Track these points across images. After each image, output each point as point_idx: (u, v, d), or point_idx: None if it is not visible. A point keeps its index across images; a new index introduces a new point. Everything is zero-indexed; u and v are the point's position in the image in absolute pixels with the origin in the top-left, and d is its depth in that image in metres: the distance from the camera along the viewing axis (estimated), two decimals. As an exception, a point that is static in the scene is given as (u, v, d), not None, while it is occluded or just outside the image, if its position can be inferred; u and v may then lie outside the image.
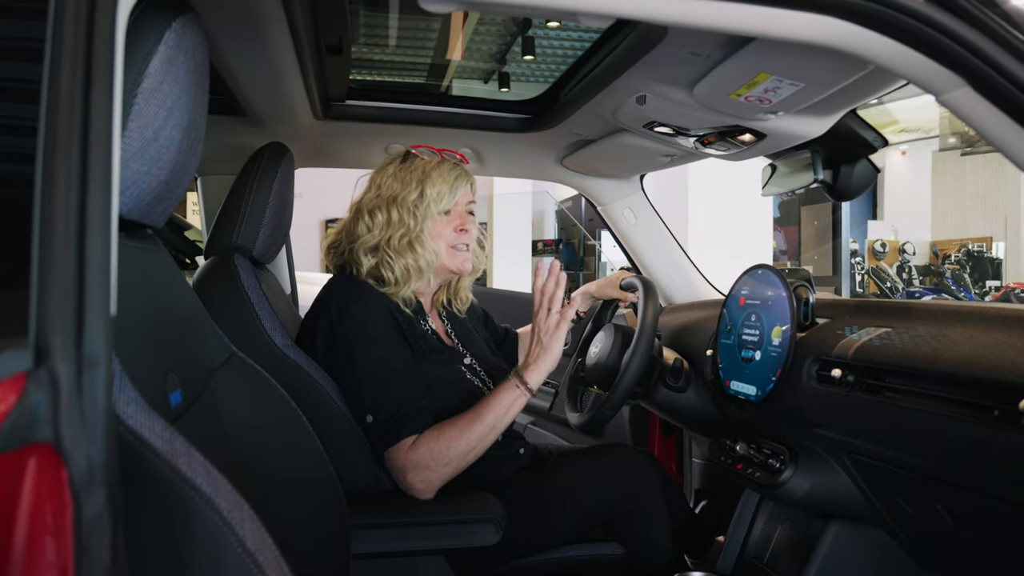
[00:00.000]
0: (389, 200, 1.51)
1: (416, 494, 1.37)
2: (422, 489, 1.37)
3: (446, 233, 1.53)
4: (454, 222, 1.54)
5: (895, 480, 1.23)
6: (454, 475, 1.38)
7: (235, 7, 1.11)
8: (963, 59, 0.81)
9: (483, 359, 1.65)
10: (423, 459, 1.36)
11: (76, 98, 0.54)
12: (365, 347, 1.42)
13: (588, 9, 0.83)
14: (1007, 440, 0.96)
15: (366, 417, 1.39)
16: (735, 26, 0.86)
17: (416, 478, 1.36)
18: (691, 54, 1.18)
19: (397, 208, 1.50)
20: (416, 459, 1.36)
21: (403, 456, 1.37)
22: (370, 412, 1.39)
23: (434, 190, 1.50)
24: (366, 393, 1.40)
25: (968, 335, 1.09)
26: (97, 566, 0.49)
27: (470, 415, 1.41)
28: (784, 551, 1.51)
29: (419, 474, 1.36)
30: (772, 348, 1.45)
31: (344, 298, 1.47)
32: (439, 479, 1.37)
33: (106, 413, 0.51)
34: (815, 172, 1.50)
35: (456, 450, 1.37)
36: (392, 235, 1.49)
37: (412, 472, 1.36)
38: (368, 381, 1.41)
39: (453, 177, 1.53)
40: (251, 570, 0.64)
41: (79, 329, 0.50)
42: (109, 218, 0.55)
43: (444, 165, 1.54)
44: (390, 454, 1.38)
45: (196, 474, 0.63)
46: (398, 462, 1.37)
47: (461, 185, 1.54)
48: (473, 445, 1.38)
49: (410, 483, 1.37)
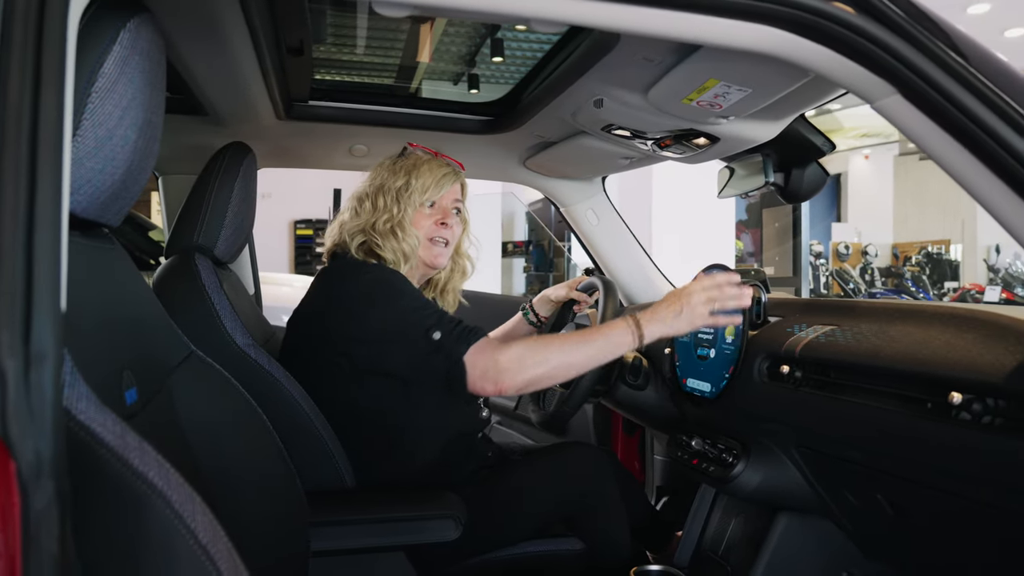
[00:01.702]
0: (378, 188, 1.57)
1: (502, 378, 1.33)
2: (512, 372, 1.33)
3: (426, 224, 1.56)
4: (436, 215, 1.58)
5: (839, 472, 1.28)
6: (541, 380, 1.37)
7: (192, 7, 1.11)
8: (893, 68, 0.85)
9: None
10: (519, 354, 1.34)
11: (25, 97, 0.55)
12: (402, 291, 1.45)
13: (538, 15, 0.85)
14: (939, 432, 1.00)
15: (432, 335, 1.36)
16: (678, 33, 0.89)
17: (508, 364, 1.33)
18: (644, 59, 1.21)
19: (383, 195, 1.55)
20: (510, 353, 1.34)
21: (491, 348, 1.35)
22: (436, 329, 1.37)
23: (420, 181, 1.55)
24: (423, 317, 1.39)
25: (906, 332, 1.14)
26: (45, 557, 0.50)
27: (577, 334, 1.40)
28: (738, 543, 1.55)
29: (511, 364, 1.33)
30: (726, 346, 1.49)
31: (355, 269, 1.51)
32: (528, 373, 1.33)
33: (54, 408, 0.52)
34: (766, 175, 1.55)
35: (553, 355, 1.35)
36: (377, 220, 1.53)
37: (505, 360, 1.33)
38: (420, 308, 1.41)
39: (441, 173, 1.57)
40: (203, 562, 0.65)
41: (27, 325, 0.51)
42: (59, 216, 0.56)
43: (436, 161, 1.59)
44: (475, 352, 1.35)
45: (148, 468, 0.64)
46: (486, 355, 1.34)
47: (448, 182, 1.58)
48: (569, 360, 1.36)
49: (503, 367, 1.32)
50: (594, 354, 1.37)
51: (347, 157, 2.09)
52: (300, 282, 5.50)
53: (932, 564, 1.25)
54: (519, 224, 9.42)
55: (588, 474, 1.58)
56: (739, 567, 1.50)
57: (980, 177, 0.87)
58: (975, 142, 0.84)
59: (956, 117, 0.84)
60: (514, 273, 9.30)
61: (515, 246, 9.24)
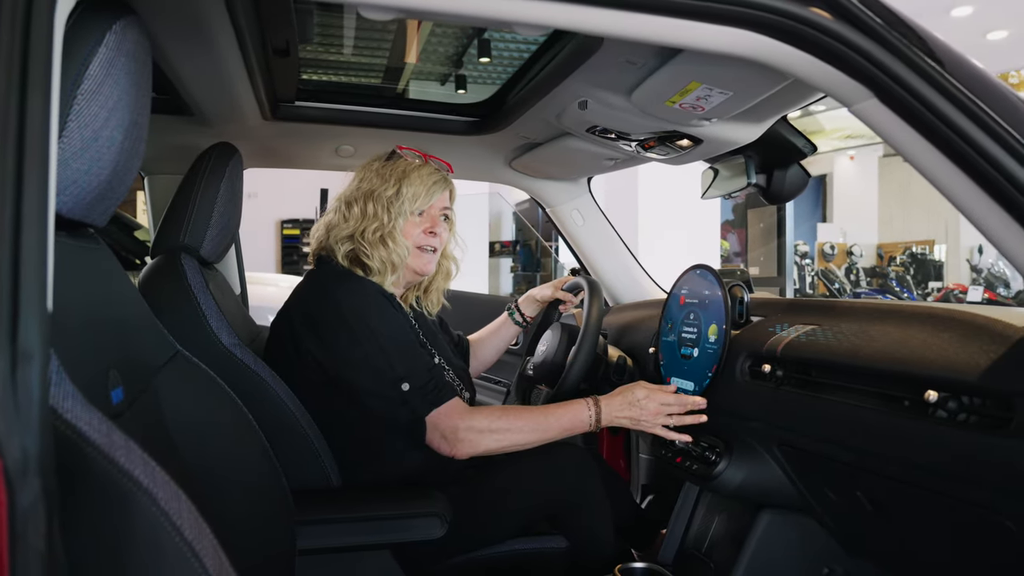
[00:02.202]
0: (367, 193, 1.56)
1: (457, 452, 1.41)
2: (467, 448, 1.41)
3: (415, 233, 1.57)
4: (425, 224, 1.58)
5: (820, 469, 1.29)
6: (494, 452, 1.45)
7: (178, 8, 1.12)
8: (869, 72, 0.87)
9: (449, 360, 1.68)
10: (479, 422, 1.42)
11: (12, 99, 0.56)
12: (385, 323, 1.46)
13: (520, 19, 0.86)
14: (915, 429, 1.02)
15: (401, 385, 1.41)
16: (659, 37, 0.90)
17: (466, 435, 1.41)
18: (627, 62, 1.23)
19: (373, 202, 1.54)
20: (471, 422, 1.42)
21: (456, 414, 1.42)
22: (405, 380, 1.41)
23: (411, 190, 1.54)
24: (396, 362, 1.43)
25: (885, 331, 1.16)
26: (32, 554, 0.51)
27: (536, 412, 1.49)
28: (721, 540, 1.57)
29: (468, 435, 1.41)
30: (709, 345, 1.51)
31: (338, 284, 1.51)
32: (483, 448, 1.42)
33: (41, 406, 0.52)
34: (748, 176, 1.56)
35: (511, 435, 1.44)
36: (367, 227, 1.53)
37: (464, 430, 1.41)
38: (395, 350, 1.44)
39: (432, 181, 1.57)
40: (189, 559, 0.65)
41: (13, 324, 0.51)
42: (46, 216, 0.56)
43: (425, 168, 1.58)
44: (439, 413, 1.42)
45: (134, 466, 0.65)
46: (449, 420, 1.42)
47: (438, 190, 1.58)
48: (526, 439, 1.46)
49: (459, 440, 1.41)
50: (551, 436, 1.48)
51: (333, 158, 2.09)
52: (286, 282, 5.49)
53: (912, 560, 1.28)
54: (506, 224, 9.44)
55: (572, 473, 1.59)
56: (722, 564, 1.51)
57: (954, 179, 0.88)
58: (949, 145, 0.86)
59: (931, 121, 0.86)
60: (501, 273, 9.32)
61: (502, 246, 9.26)
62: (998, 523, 0.94)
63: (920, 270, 10.79)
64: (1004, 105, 0.87)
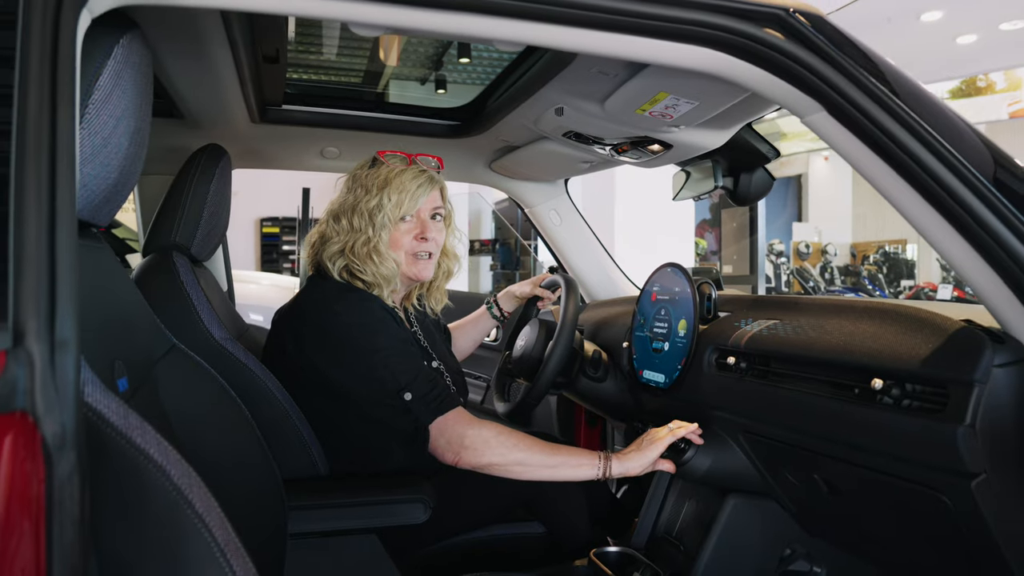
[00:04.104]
0: (352, 206, 1.54)
1: (461, 459, 1.40)
2: (470, 456, 1.39)
3: (405, 241, 1.54)
4: (414, 230, 1.55)
5: (781, 455, 1.38)
6: (496, 470, 1.41)
7: (177, 21, 1.18)
8: (818, 87, 0.96)
9: (448, 364, 1.70)
10: (486, 436, 1.40)
11: (44, 116, 0.62)
12: (382, 333, 1.46)
13: (498, 36, 0.94)
14: (864, 415, 1.11)
15: (404, 395, 1.41)
16: (627, 54, 0.98)
17: (473, 443, 1.39)
18: (600, 73, 1.31)
19: (357, 215, 1.52)
20: (480, 432, 1.40)
21: (463, 422, 1.41)
22: (408, 390, 1.41)
23: (392, 198, 1.51)
24: (399, 372, 1.42)
25: (839, 325, 1.24)
26: (68, 518, 0.58)
27: (547, 445, 1.44)
28: (690, 524, 1.65)
29: (474, 443, 1.39)
30: (678, 339, 1.59)
31: (339, 297, 1.51)
32: (486, 460, 1.40)
33: (75, 387, 0.59)
34: (716, 179, 1.65)
35: (519, 454, 1.41)
36: (355, 241, 1.52)
37: (471, 437, 1.39)
38: (397, 361, 1.43)
39: (415, 185, 1.53)
40: (200, 529, 0.72)
41: (51, 315, 0.58)
42: (74, 219, 0.63)
43: (407, 173, 1.53)
44: (444, 420, 1.41)
45: (149, 446, 0.72)
46: (456, 427, 1.40)
47: (424, 192, 1.54)
48: (529, 463, 1.41)
49: (465, 447, 1.39)
50: (553, 472, 1.43)
51: (319, 159, 2.15)
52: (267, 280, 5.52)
53: (864, 537, 1.37)
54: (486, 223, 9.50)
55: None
56: (692, 547, 1.60)
57: (894, 185, 0.97)
58: (889, 155, 0.95)
59: (873, 132, 0.95)
60: (481, 271, 9.38)
61: (482, 244, 9.32)
62: (936, 499, 1.03)
63: (893, 269, 10.99)
64: (940, 119, 0.96)
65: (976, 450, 0.94)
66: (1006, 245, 0.90)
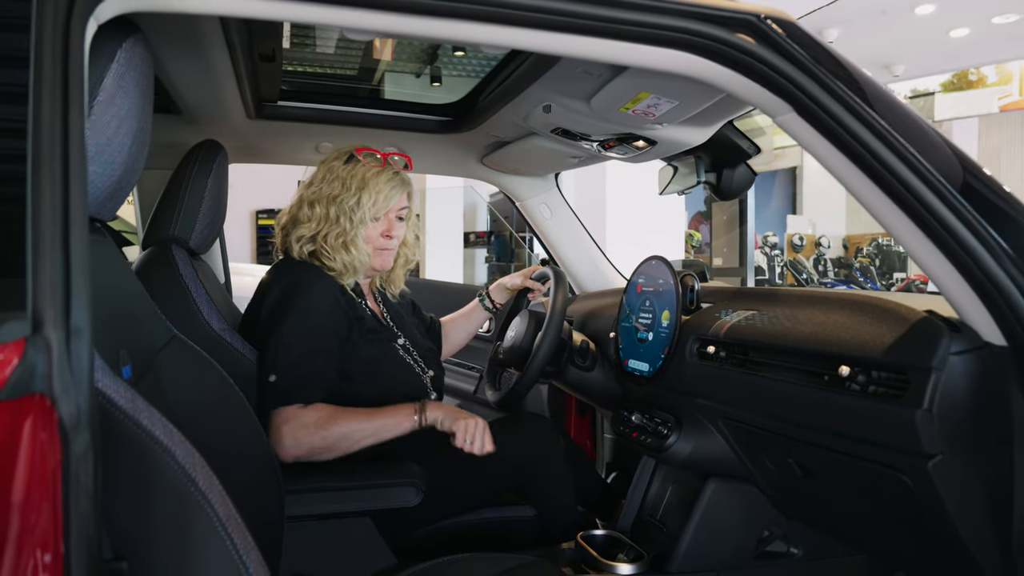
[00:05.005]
0: (329, 198, 1.63)
1: (280, 449, 1.46)
2: (289, 445, 1.46)
3: (375, 237, 1.67)
4: (383, 227, 1.67)
5: (758, 440, 1.44)
6: (319, 451, 1.48)
7: (176, 23, 1.22)
8: (787, 89, 1.01)
9: (415, 341, 1.79)
10: (306, 421, 1.47)
11: (56, 120, 0.67)
12: (300, 317, 1.54)
13: (484, 41, 0.99)
14: (834, 400, 1.17)
15: (269, 376, 1.50)
16: (607, 58, 1.03)
17: (290, 433, 1.46)
18: (584, 72, 1.36)
19: (336, 207, 1.62)
20: (300, 418, 1.47)
21: (289, 413, 1.48)
22: (275, 373, 1.49)
23: (371, 198, 1.62)
24: (280, 356, 1.50)
25: (812, 315, 1.30)
26: (83, 491, 0.63)
27: (364, 412, 1.53)
28: (674, 507, 1.71)
29: (294, 431, 1.46)
30: (662, 330, 1.65)
31: (295, 277, 1.60)
32: (307, 446, 1.47)
33: (89, 372, 0.64)
34: (698, 175, 1.71)
35: (338, 430, 1.49)
36: (329, 232, 1.62)
37: (287, 427, 1.46)
38: (286, 347, 1.51)
39: (390, 188, 1.64)
40: (203, 505, 0.78)
41: (67, 305, 0.63)
42: (86, 214, 0.68)
43: (383, 174, 1.64)
44: (279, 411, 1.48)
45: (155, 428, 0.77)
46: (282, 415, 1.48)
47: (396, 194, 1.66)
48: (351, 434, 1.50)
49: (282, 436, 1.46)
50: (377, 436, 1.52)
51: (314, 154, 2.19)
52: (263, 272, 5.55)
53: (835, 518, 1.43)
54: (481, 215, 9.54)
55: (540, 444, 1.71)
56: (674, 529, 1.65)
57: (861, 183, 1.03)
58: (854, 154, 1.00)
59: (838, 132, 1.00)
60: (476, 263, 9.43)
61: (477, 236, 9.36)
62: (898, 480, 1.09)
63: (885, 261, 11.05)
64: (905, 122, 1.01)
65: (933, 432, 1.00)
66: (962, 241, 0.96)
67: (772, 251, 10.48)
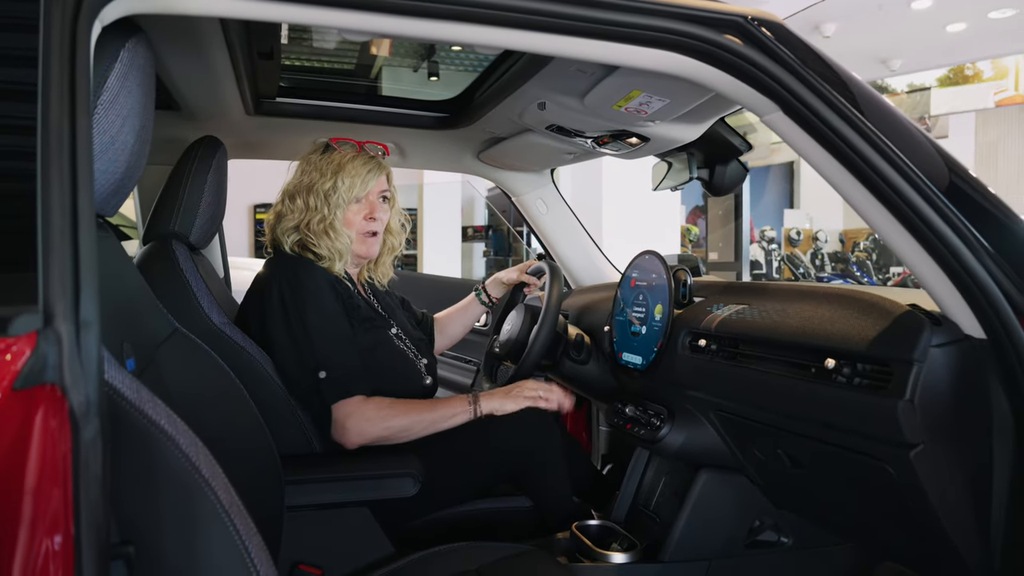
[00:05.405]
0: (308, 187, 1.68)
1: (346, 440, 1.55)
2: (355, 436, 1.54)
3: (356, 221, 1.71)
4: (364, 210, 1.71)
5: (748, 431, 1.47)
6: (381, 440, 1.57)
7: (177, 22, 1.24)
8: (773, 89, 1.03)
9: (406, 330, 1.83)
10: (369, 413, 1.55)
11: (65, 122, 0.70)
12: (316, 312, 1.59)
13: (479, 42, 1.01)
14: (821, 392, 1.20)
15: (318, 373, 1.55)
16: (599, 58, 1.06)
17: (355, 427, 1.54)
18: (578, 71, 1.38)
19: (313, 195, 1.67)
20: (363, 411, 1.55)
21: (353, 405, 1.55)
22: (323, 368, 1.55)
23: (346, 182, 1.67)
24: (319, 352, 1.56)
25: (800, 309, 1.33)
26: (92, 477, 0.65)
27: (422, 404, 1.62)
28: (667, 498, 1.74)
29: (358, 424, 1.54)
30: (655, 323, 1.67)
31: (292, 272, 1.64)
32: (372, 436, 1.55)
33: (98, 362, 0.67)
34: (690, 171, 1.73)
35: (398, 422, 1.58)
36: (311, 219, 1.67)
37: (351, 420, 1.54)
38: (320, 341, 1.57)
39: (366, 171, 1.69)
40: (206, 492, 0.81)
41: (76, 298, 0.66)
42: (93, 210, 0.71)
43: (359, 159, 1.70)
44: (341, 404, 1.56)
45: (159, 417, 0.80)
46: (345, 408, 1.55)
47: (373, 177, 1.70)
48: (411, 427, 1.59)
49: (348, 428, 1.54)
50: (435, 427, 1.62)
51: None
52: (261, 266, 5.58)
53: (823, 508, 1.46)
54: (479, 210, 9.56)
55: (536, 435, 1.73)
56: (667, 518, 1.69)
57: (845, 181, 1.05)
58: (839, 152, 1.03)
59: (823, 131, 1.03)
60: (474, 257, 9.45)
61: (475, 231, 9.38)
62: (882, 469, 1.12)
63: (882, 256, 11.08)
64: (889, 121, 1.04)
65: (915, 423, 1.03)
66: (943, 237, 0.99)
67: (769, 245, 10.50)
